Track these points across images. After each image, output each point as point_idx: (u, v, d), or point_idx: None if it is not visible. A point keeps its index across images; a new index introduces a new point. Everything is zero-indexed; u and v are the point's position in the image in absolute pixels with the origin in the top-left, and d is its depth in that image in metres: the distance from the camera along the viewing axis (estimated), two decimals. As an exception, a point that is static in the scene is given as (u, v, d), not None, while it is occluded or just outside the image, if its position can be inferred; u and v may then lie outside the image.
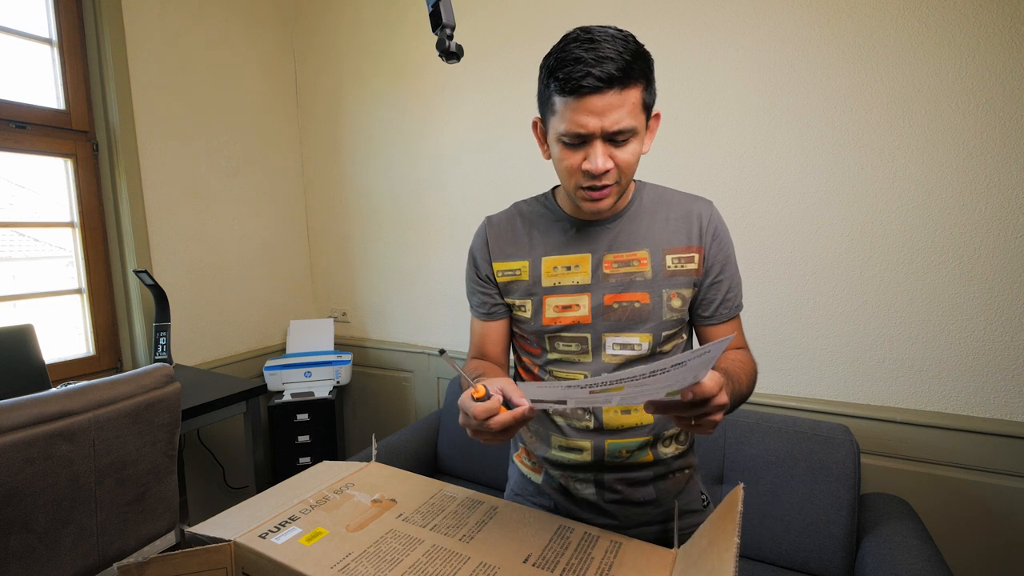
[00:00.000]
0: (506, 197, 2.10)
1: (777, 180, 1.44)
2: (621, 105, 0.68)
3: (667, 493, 0.85)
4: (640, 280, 0.79)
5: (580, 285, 0.81)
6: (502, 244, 0.87)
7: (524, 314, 0.85)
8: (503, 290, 0.87)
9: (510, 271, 0.86)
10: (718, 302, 0.82)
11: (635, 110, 0.69)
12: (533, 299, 0.84)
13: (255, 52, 2.16)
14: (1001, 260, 1.23)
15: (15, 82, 1.59)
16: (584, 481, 0.84)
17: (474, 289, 0.91)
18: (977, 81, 1.21)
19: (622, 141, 0.71)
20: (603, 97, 0.67)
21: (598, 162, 0.70)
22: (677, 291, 0.80)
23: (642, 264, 0.80)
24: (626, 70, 0.67)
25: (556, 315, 0.82)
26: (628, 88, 0.68)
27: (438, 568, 0.60)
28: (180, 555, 0.61)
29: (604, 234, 0.82)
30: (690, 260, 0.80)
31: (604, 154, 0.70)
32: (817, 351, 1.44)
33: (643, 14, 1.55)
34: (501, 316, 0.89)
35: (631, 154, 0.72)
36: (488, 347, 0.91)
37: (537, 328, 0.84)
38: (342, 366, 2.09)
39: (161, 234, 1.85)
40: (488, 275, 0.88)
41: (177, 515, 1.24)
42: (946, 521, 1.30)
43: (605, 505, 0.84)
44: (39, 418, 0.95)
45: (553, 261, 0.83)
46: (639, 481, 0.83)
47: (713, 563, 0.50)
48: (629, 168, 0.73)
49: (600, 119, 0.68)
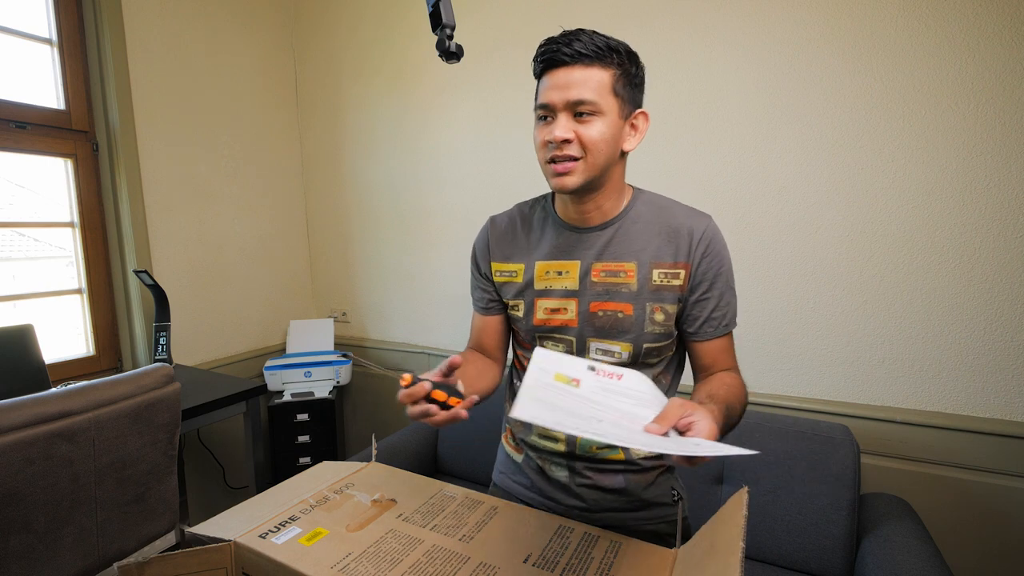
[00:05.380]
0: (506, 197, 2.10)
1: (777, 180, 1.44)
2: (584, 81, 0.72)
3: (637, 484, 0.87)
4: (625, 292, 0.81)
5: (568, 291, 0.84)
6: (501, 245, 0.91)
7: (517, 313, 0.89)
8: (499, 289, 0.92)
9: (507, 272, 0.90)
10: (702, 319, 0.81)
11: (601, 89, 0.73)
12: (525, 300, 0.88)
13: (255, 52, 2.16)
14: (1001, 260, 1.23)
15: (15, 82, 1.59)
16: (558, 465, 0.89)
17: (475, 284, 0.96)
18: (977, 81, 1.21)
19: (584, 114, 0.73)
20: (569, 72, 0.73)
21: (556, 131, 0.73)
22: (660, 305, 0.80)
23: (628, 276, 0.81)
24: (594, 52, 0.72)
25: (546, 317, 0.86)
26: (593, 67, 0.73)
27: (438, 568, 0.60)
28: (180, 555, 0.61)
29: (595, 241, 0.83)
30: (676, 276, 0.80)
31: (566, 126, 0.73)
32: (817, 351, 1.44)
33: (643, 13, 1.55)
34: (497, 312, 0.94)
35: (596, 132, 0.74)
36: (484, 340, 0.96)
37: (528, 327, 0.88)
38: (342, 366, 2.09)
39: (161, 234, 1.85)
40: (486, 273, 0.93)
41: (177, 515, 1.24)
42: (946, 521, 1.30)
43: (575, 488, 0.88)
44: (39, 418, 0.95)
45: (545, 266, 0.86)
46: (610, 470, 0.87)
47: (717, 567, 0.50)
48: (593, 145, 0.74)
49: (563, 92, 0.73)
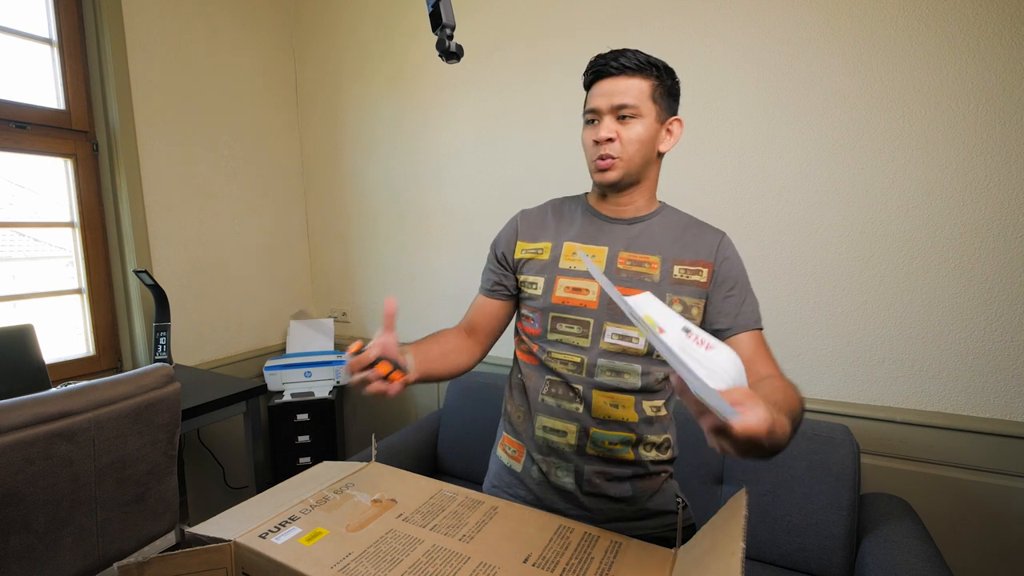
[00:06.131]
0: (506, 197, 2.09)
1: (777, 180, 1.44)
2: (627, 89, 0.82)
3: (643, 492, 0.88)
4: (648, 281, 0.85)
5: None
6: (531, 228, 0.95)
7: (535, 291, 0.90)
8: (519, 266, 0.93)
9: (533, 249, 0.92)
10: (733, 313, 0.84)
11: (641, 95, 0.82)
12: (547, 277, 0.89)
13: (255, 52, 2.16)
14: (1001, 260, 1.23)
15: (15, 82, 1.59)
16: (565, 469, 0.87)
17: (488, 267, 0.99)
18: (977, 81, 1.21)
19: (625, 117, 0.82)
20: (615, 82, 0.82)
21: (601, 131, 0.82)
22: (680, 298, 0.84)
23: (652, 268, 0.86)
24: (636, 65, 0.81)
25: (566, 295, 0.87)
26: (635, 77, 0.82)
27: (438, 568, 0.60)
28: (180, 555, 0.61)
29: (623, 233, 0.88)
30: (697, 272, 0.85)
31: (609, 127, 0.82)
32: (817, 351, 1.44)
33: (643, 13, 1.55)
34: (501, 296, 0.96)
35: (634, 133, 0.82)
36: (478, 319, 0.98)
37: (545, 305, 0.88)
38: (342, 366, 2.09)
39: (161, 234, 1.85)
40: (505, 254, 0.95)
41: (177, 515, 1.24)
42: (946, 521, 1.30)
43: (582, 497, 0.87)
44: (39, 418, 0.95)
45: (573, 247, 0.89)
46: (617, 477, 0.87)
47: (718, 566, 0.50)
48: (631, 144, 0.82)
49: (608, 98, 0.82)
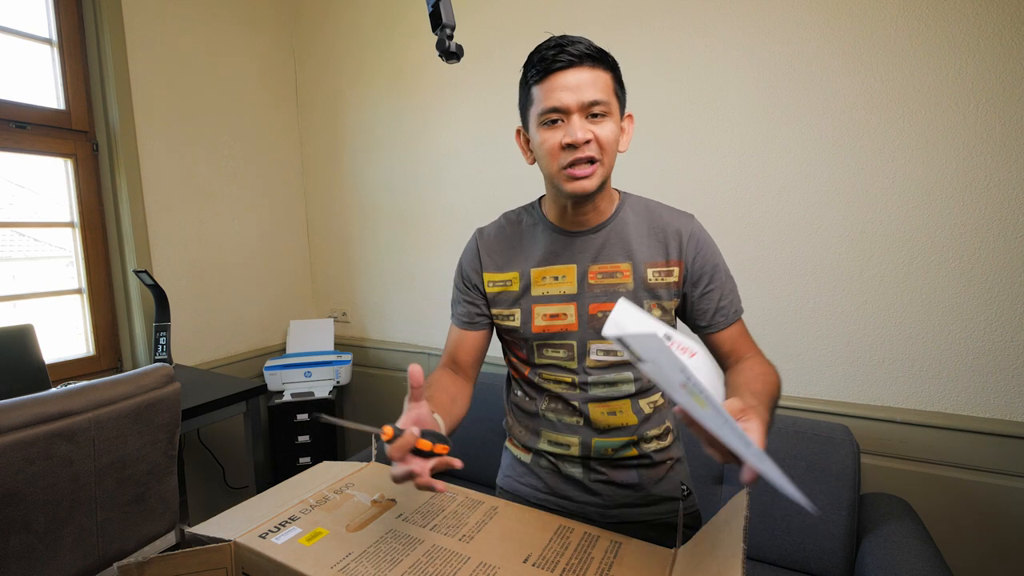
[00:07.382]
0: (505, 197, 2.09)
1: (777, 180, 1.44)
2: (594, 82, 0.72)
3: (649, 479, 0.89)
4: (623, 291, 0.83)
5: (567, 295, 0.84)
6: (493, 256, 0.89)
7: (513, 323, 0.87)
8: (491, 301, 0.89)
9: (500, 282, 0.88)
10: (712, 311, 0.83)
11: (607, 89, 0.73)
12: (522, 308, 0.86)
13: (255, 52, 2.16)
14: (1001, 260, 1.23)
15: (15, 82, 1.59)
16: (572, 462, 0.89)
17: (459, 298, 0.92)
18: (977, 81, 1.21)
19: (599, 115, 0.73)
20: (576, 72, 0.71)
21: (577, 133, 0.71)
22: (657, 302, 0.83)
23: (624, 276, 0.83)
24: (596, 53, 0.72)
25: (545, 323, 0.85)
26: (598, 68, 0.72)
27: (438, 568, 0.60)
28: (180, 555, 0.61)
29: (589, 244, 0.84)
30: (669, 274, 0.83)
31: (584, 127, 0.72)
32: (817, 351, 1.44)
33: (643, 13, 1.54)
34: (480, 327, 0.91)
35: (610, 132, 0.74)
36: (460, 355, 0.91)
37: (527, 335, 0.86)
38: (342, 366, 2.09)
39: (161, 234, 1.85)
40: (476, 285, 0.90)
41: (177, 515, 1.24)
42: (946, 521, 1.30)
43: (590, 484, 0.88)
44: (39, 418, 0.95)
45: (542, 272, 0.85)
46: (623, 465, 0.88)
47: (718, 567, 0.50)
48: (609, 146, 0.74)
49: (576, 93, 0.71)
